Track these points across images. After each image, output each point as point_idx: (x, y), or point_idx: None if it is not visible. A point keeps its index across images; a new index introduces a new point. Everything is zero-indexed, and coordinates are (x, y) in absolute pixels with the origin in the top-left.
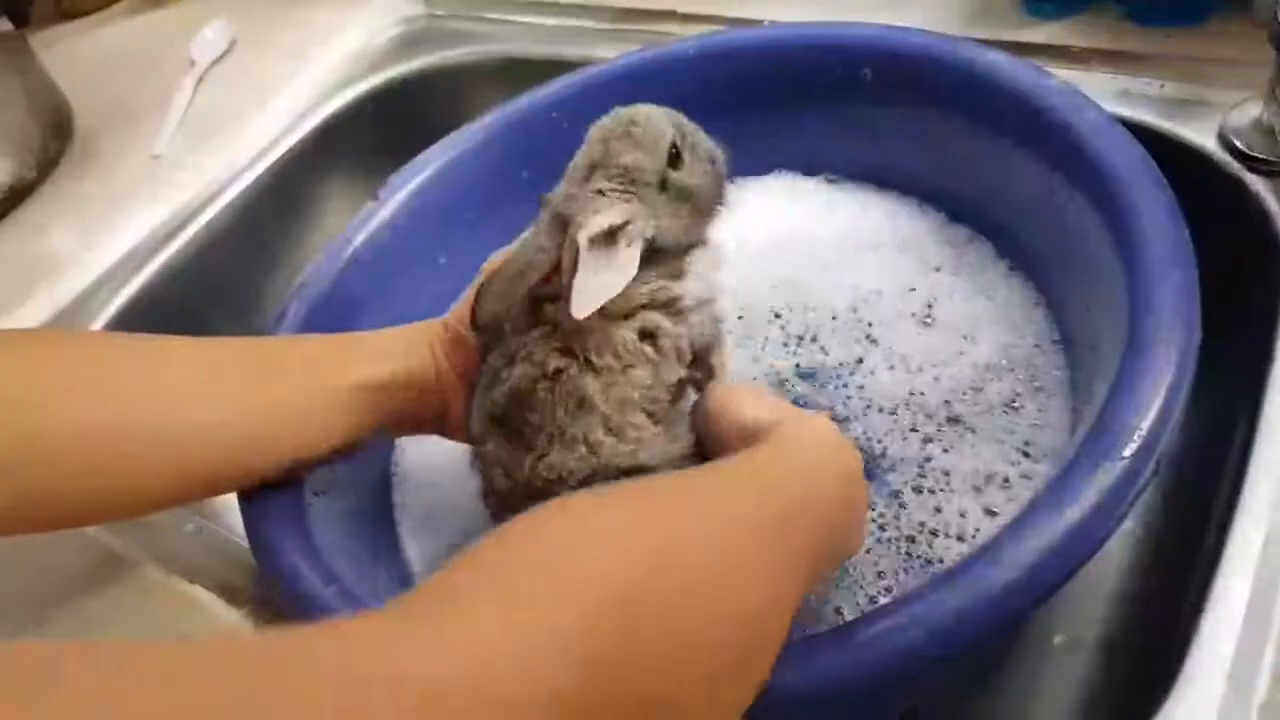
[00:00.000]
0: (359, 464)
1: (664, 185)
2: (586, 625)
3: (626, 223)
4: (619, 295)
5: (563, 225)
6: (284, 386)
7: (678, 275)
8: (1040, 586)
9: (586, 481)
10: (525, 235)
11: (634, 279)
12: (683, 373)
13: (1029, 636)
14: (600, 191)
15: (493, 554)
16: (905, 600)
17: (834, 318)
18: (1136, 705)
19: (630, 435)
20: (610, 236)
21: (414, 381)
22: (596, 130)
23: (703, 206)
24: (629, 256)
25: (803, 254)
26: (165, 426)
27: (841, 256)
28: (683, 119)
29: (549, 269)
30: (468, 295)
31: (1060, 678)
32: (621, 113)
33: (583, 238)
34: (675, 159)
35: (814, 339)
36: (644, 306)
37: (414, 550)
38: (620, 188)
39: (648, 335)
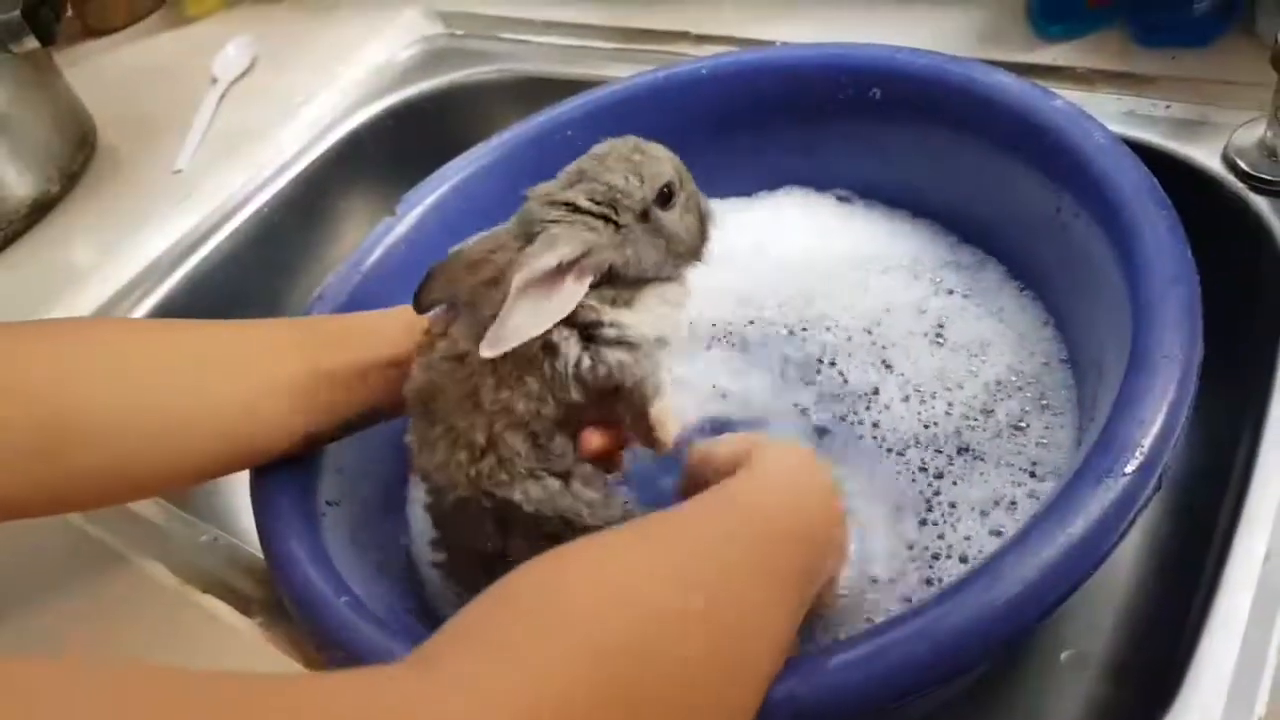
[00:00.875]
0: (373, 473)
1: (645, 217)
2: (570, 679)
3: (583, 254)
4: None
5: (526, 234)
6: (291, 366)
7: (618, 303)
8: (1043, 602)
9: (463, 503)
10: (500, 228)
11: None
12: (578, 398)
13: (1036, 653)
14: (574, 206)
15: (487, 610)
16: (908, 615)
17: (849, 338)
18: None
19: (504, 453)
20: (556, 271)
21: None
22: (602, 144)
23: (680, 252)
24: (571, 293)
25: (814, 270)
26: (183, 408)
27: (853, 275)
28: (685, 171)
29: (501, 269)
30: None
31: (1067, 694)
32: (632, 139)
33: (517, 281)
34: (666, 199)
35: (832, 362)
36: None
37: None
38: (597, 206)
39: (548, 348)
